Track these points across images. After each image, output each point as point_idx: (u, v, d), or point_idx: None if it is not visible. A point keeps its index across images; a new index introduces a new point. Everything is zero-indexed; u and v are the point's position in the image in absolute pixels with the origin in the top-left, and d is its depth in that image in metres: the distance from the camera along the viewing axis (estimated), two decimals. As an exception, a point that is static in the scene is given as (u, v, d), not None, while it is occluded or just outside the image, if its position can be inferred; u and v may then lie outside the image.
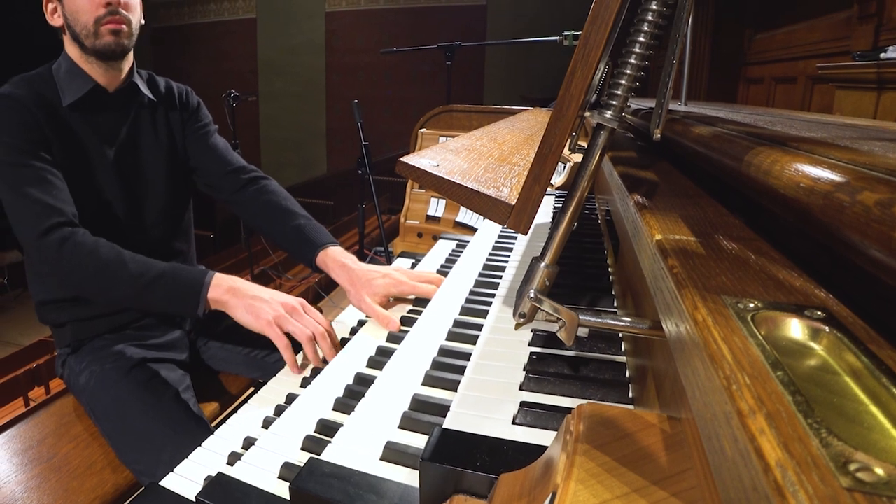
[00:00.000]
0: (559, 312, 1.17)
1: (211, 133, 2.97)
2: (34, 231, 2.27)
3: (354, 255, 2.57)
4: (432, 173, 1.53)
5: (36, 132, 2.40)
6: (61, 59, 2.62)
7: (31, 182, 2.31)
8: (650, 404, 1.13)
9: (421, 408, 1.48)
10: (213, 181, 2.91)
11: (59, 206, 2.32)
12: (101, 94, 2.61)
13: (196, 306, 2.26)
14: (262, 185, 2.92)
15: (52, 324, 2.69)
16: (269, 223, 2.83)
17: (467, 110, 4.69)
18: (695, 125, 1.33)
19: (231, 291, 2.26)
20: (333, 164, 17.48)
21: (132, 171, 2.67)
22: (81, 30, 2.50)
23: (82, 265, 2.26)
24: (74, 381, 2.54)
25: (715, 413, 0.55)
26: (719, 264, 0.80)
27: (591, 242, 2.53)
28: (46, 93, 2.51)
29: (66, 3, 2.50)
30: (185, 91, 2.97)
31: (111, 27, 2.49)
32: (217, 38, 18.80)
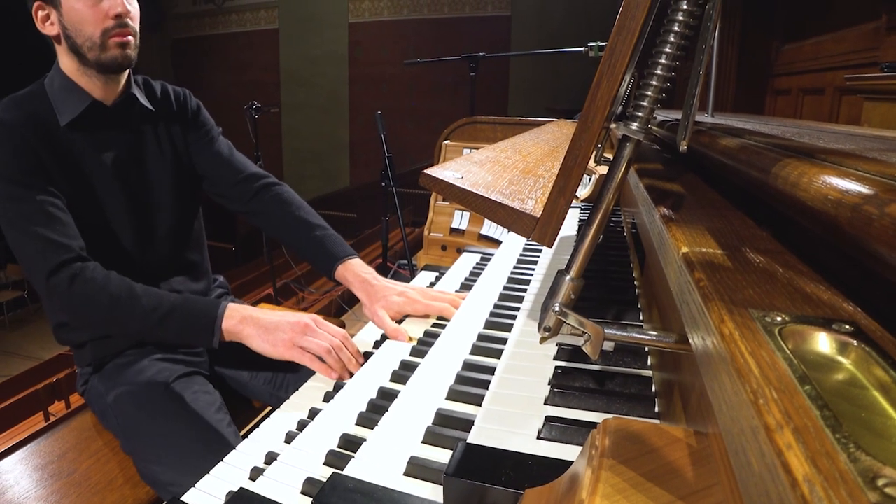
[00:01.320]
0: (584, 326, 1.17)
1: (215, 138, 2.90)
2: (42, 272, 2.24)
3: (376, 269, 2.57)
4: (456, 185, 1.53)
5: (33, 160, 2.33)
6: (54, 73, 2.53)
7: (33, 218, 2.27)
8: (676, 419, 1.12)
9: (445, 422, 1.48)
10: (224, 191, 2.87)
11: (65, 241, 2.29)
12: (100, 110, 2.52)
13: (210, 338, 2.26)
14: (275, 192, 2.88)
15: (70, 344, 2.65)
16: (287, 233, 2.82)
17: (492, 122, 4.69)
18: (721, 137, 1.33)
19: (244, 321, 2.26)
20: (356, 176, 17.49)
21: (138, 185, 2.61)
22: (85, 41, 2.40)
23: (94, 301, 2.24)
24: (99, 400, 2.50)
25: (742, 427, 0.55)
26: (746, 277, 0.80)
27: (617, 255, 2.52)
28: (41, 113, 2.43)
29: (65, 11, 2.38)
30: (183, 94, 2.88)
31: (119, 40, 2.41)
32: (239, 48, 18.85)
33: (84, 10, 2.35)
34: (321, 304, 7.80)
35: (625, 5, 1.05)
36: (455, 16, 15.99)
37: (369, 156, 16.45)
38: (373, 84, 17.00)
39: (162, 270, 2.54)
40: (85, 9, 2.35)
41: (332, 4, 17.28)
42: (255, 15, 18.74)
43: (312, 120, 17.97)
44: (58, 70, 2.51)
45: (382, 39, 16.88)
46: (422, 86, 16.06)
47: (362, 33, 17.17)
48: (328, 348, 2.11)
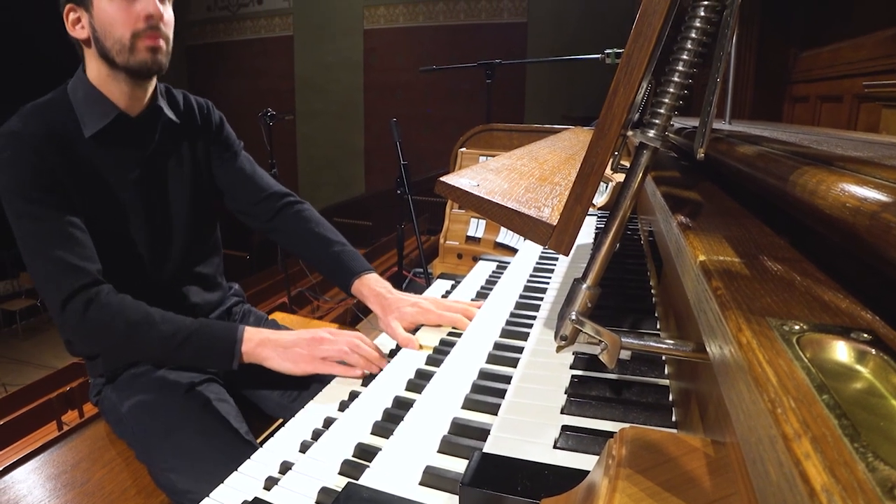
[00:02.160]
0: (601, 335, 1.17)
1: (237, 154, 2.90)
2: (57, 298, 2.22)
3: (391, 277, 2.59)
4: (472, 193, 1.53)
5: (50, 177, 2.29)
6: (77, 80, 2.48)
7: (50, 240, 2.25)
8: (694, 428, 1.12)
9: (461, 431, 1.48)
10: (245, 208, 2.89)
11: (82, 265, 2.26)
12: (125, 122, 2.48)
13: (230, 362, 2.26)
14: (296, 211, 2.90)
15: (82, 356, 2.66)
16: (306, 249, 2.85)
17: (508, 129, 4.69)
18: (739, 144, 1.33)
19: (262, 344, 2.26)
20: (371, 183, 17.51)
21: (157, 199, 2.59)
22: (114, 44, 2.35)
23: (109, 328, 2.23)
24: (113, 410, 2.50)
25: (760, 437, 0.55)
26: (764, 285, 0.80)
27: (634, 263, 2.52)
28: (63, 123, 2.39)
29: (95, 13, 2.34)
30: (207, 106, 2.87)
31: (149, 43, 2.36)
32: (253, 55, 18.88)
33: (115, 11, 2.32)
34: (336, 312, 7.81)
35: (641, 12, 1.06)
36: (471, 22, 16.00)
37: (384, 163, 16.48)
38: (388, 91, 17.02)
39: (177, 282, 2.55)
40: (116, 11, 2.32)
41: (347, 11, 17.30)
42: (269, 21, 18.78)
43: (327, 127, 17.99)
44: (83, 78, 2.47)
45: (398, 46, 16.90)
46: (437, 93, 16.07)
47: (377, 40, 17.19)
48: (346, 350, 2.15)
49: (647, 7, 1.05)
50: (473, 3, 15.90)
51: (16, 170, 2.25)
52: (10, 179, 2.26)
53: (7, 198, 2.26)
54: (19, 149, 2.26)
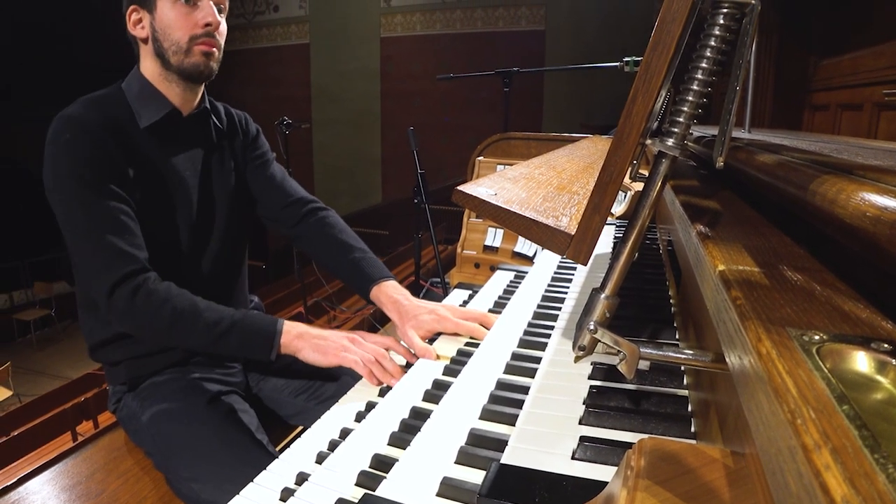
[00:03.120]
0: (620, 345, 1.17)
1: (269, 163, 2.97)
2: (106, 283, 2.27)
3: (408, 287, 2.59)
4: (490, 202, 1.53)
5: (108, 163, 2.35)
6: (132, 77, 2.58)
7: (102, 223, 2.30)
8: (713, 439, 1.12)
9: (478, 442, 1.48)
10: (273, 213, 2.94)
11: (132, 251, 2.32)
12: (177, 118, 2.59)
13: (269, 352, 2.34)
14: (321, 217, 2.95)
15: (104, 362, 2.66)
16: (327, 256, 2.88)
17: (525, 138, 4.69)
18: (758, 153, 1.33)
19: (299, 337, 2.35)
20: (388, 192, 17.52)
21: (202, 198, 2.66)
22: (171, 45, 2.47)
23: (157, 315, 2.28)
24: (133, 418, 2.51)
25: (779, 448, 0.55)
26: (784, 295, 0.80)
27: (653, 273, 2.52)
28: (119, 115, 2.47)
29: (158, 15, 2.46)
30: (245, 118, 2.97)
31: (204, 48, 2.49)
32: (269, 63, 18.93)
33: (177, 17, 2.45)
34: (353, 322, 7.82)
35: (660, 20, 1.06)
36: (488, 30, 16.02)
37: (401, 172, 16.49)
38: (405, 99, 17.03)
39: (206, 287, 2.55)
40: (178, 16, 2.45)
41: (363, 19, 17.34)
42: (285, 29, 18.83)
43: (344, 136, 18.03)
44: (138, 74, 2.58)
45: (414, 54, 16.92)
46: (455, 101, 16.09)
47: (394, 48, 17.21)
48: (371, 359, 2.22)
49: (665, 15, 1.05)
50: (491, 10, 15.92)
51: (75, 153, 2.31)
52: (68, 161, 2.31)
53: (62, 180, 2.31)
54: (79, 133, 2.32)
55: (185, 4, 2.44)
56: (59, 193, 2.32)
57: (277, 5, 18.81)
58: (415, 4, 16.88)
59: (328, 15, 17.95)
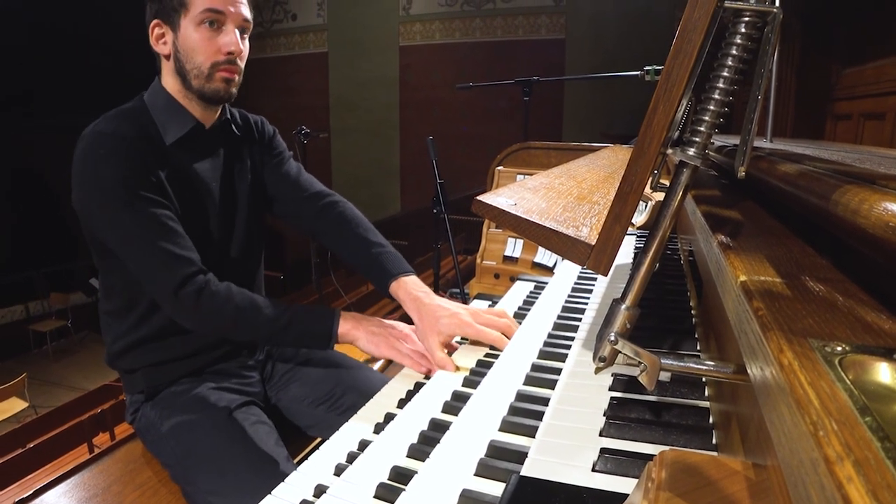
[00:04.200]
0: (640, 356, 1.17)
1: (285, 160, 3.00)
2: (169, 285, 2.33)
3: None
4: (509, 212, 1.53)
5: (146, 172, 2.40)
6: (155, 91, 2.62)
7: (154, 231, 2.36)
8: (734, 451, 1.12)
9: (498, 454, 1.48)
10: (290, 210, 2.98)
11: (187, 254, 2.40)
12: (200, 131, 2.62)
13: (328, 342, 2.44)
14: (338, 211, 2.95)
15: (122, 370, 2.68)
16: (347, 251, 2.92)
17: (545, 147, 4.68)
18: (780, 163, 1.33)
19: (356, 327, 2.47)
20: (407, 202, 17.52)
21: (229, 206, 2.71)
22: (193, 69, 2.50)
23: (221, 314, 2.39)
24: (151, 429, 2.52)
25: (801, 460, 0.55)
26: (806, 306, 0.80)
27: (674, 284, 2.52)
28: (147, 128, 2.50)
29: (181, 35, 2.48)
30: (261, 121, 2.99)
31: (225, 75, 2.52)
32: (287, 72, 18.95)
33: (200, 40, 2.47)
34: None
35: (681, 29, 1.06)
36: (508, 39, 16.02)
37: (420, 182, 16.46)
38: (424, 108, 17.02)
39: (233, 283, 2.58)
40: (201, 40, 2.47)
41: (382, 27, 17.36)
42: (303, 38, 18.85)
43: (362, 145, 18.04)
44: (160, 88, 2.61)
45: (434, 63, 16.92)
46: (474, 110, 16.08)
47: (413, 56, 17.21)
48: (422, 353, 2.37)
49: (687, 23, 1.05)
50: (511, 19, 15.92)
51: (114, 164, 2.35)
52: (110, 172, 2.35)
53: (106, 191, 2.37)
54: (115, 145, 2.37)
55: (209, 28, 2.46)
56: (105, 206, 2.37)
57: (295, 14, 18.84)
58: (434, 13, 16.89)
59: (346, 23, 17.97)
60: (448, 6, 16.64)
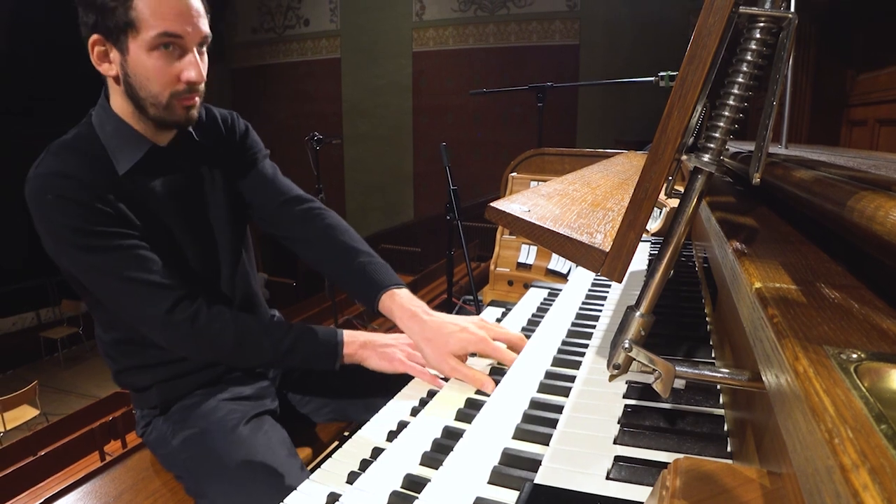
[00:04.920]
0: (655, 363, 1.17)
1: (259, 159, 2.77)
2: (157, 314, 2.24)
3: (441, 305, 2.56)
4: (523, 219, 1.53)
5: (102, 206, 2.22)
6: (103, 112, 2.39)
7: (125, 264, 2.24)
8: (749, 459, 1.12)
9: (511, 462, 1.48)
10: (266, 214, 2.76)
11: (167, 281, 2.29)
12: (156, 153, 2.41)
13: (333, 364, 2.40)
14: (319, 217, 2.74)
15: (133, 388, 2.63)
16: (328, 261, 2.72)
17: (559, 154, 4.68)
18: (795, 169, 1.33)
19: (363, 346, 2.42)
20: (420, 209, 17.53)
21: (199, 220, 2.57)
22: (148, 97, 2.26)
23: (221, 340, 2.30)
24: (163, 443, 2.50)
25: (816, 467, 0.55)
26: (821, 313, 0.80)
27: (688, 291, 2.51)
28: (96, 158, 2.31)
29: (131, 60, 2.22)
30: (231, 117, 2.76)
31: (187, 104, 2.31)
32: (300, 78, 18.96)
33: (154, 68, 2.22)
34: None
35: (696, 34, 1.06)
36: (522, 45, 16.02)
37: (434, 188, 16.48)
38: (437, 115, 17.03)
39: (229, 304, 2.52)
40: (156, 67, 2.22)
41: (395, 33, 17.38)
42: (316, 44, 18.86)
43: (375, 151, 18.05)
44: (108, 111, 2.39)
45: (447, 69, 16.93)
46: (488, 116, 16.09)
47: (426, 62, 17.22)
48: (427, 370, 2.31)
49: (701, 29, 1.05)
50: (524, 24, 15.92)
51: (65, 208, 2.19)
52: (61, 218, 2.20)
53: (63, 236, 2.23)
54: (61, 188, 2.20)
55: (165, 52, 2.21)
56: (63, 251, 2.26)
57: (308, 19, 18.86)
58: (447, 18, 16.90)
59: (360, 29, 17.99)
60: (461, 12, 16.65)
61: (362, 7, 17.86)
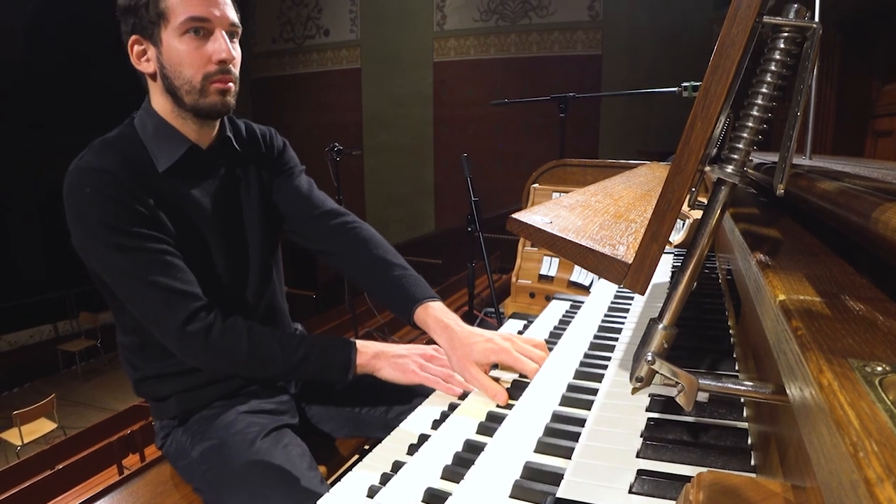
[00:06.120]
0: (678, 376, 1.17)
1: (296, 174, 2.85)
2: (174, 323, 2.25)
3: (462, 317, 2.53)
4: (545, 230, 1.53)
5: (138, 207, 2.28)
6: (144, 113, 2.49)
7: (151, 268, 2.27)
8: (773, 472, 1.12)
9: (533, 476, 1.48)
10: (300, 227, 2.82)
11: (190, 289, 2.32)
12: (196, 154, 2.48)
13: (346, 374, 2.38)
14: (354, 231, 2.79)
15: (152, 398, 2.64)
16: (363, 274, 2.77)
17: (582, 165, 4.67)
18: (820, 180, 1.33)
19: (376, 356, 2.40)
20: (441, 220, 17.53)
21: (233, 228, 2.62)
22: (183, 84, 2.34)
23: (234, 351, 2.30)
24: (182, 454, 2.50)
25: (841, 481, 0.55)
26: (845, 326, 0.80)
27: (711, 303, 2.51)
28: (136, 157, 2.38)
29: (164, 50, 2.33)
30: (270, 133, 2.85)
31: (220, 86, 2.36)
32: (320, 88, 18.99)
33: (186, 51, 2.32)
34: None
35: (719, 44, 1.06)
36: (544, 55, 16.03)
37: (455, 200, 16.47)
38: (459, 125, 17.04)
39: (252, 317, 2.51)
40: (187, 50, 2.32)
41: (416, 43, 17.40)
42: (336, 54, 18.90)
43: (396, 162, 18.07)
44: (150, 111, 2.48)
45: (468, 79, 16.94)
46: (509, 127, 16.10)
47: (448, 72, 17.24)
48: (450, 373, 2.31)
49: (725, 39, 1.05)
50: (546, 34, 15.93)
51: (101, 204, 2.25)
52: (95, 212, 2.26)
53: (96, 233, 2.27)
54: (99, 182, 2.26)
55: (195, 37, 2.32)
56: (93, 246, 2.30)
57: (328, 29, 18.90)
58: (468, 28, 16.92)
59: (380, 39, 18.02)
60: (483, 21, 16.67)
61: (383, 17, 17.90)
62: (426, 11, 17.38)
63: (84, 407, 13.24)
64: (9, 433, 10.42)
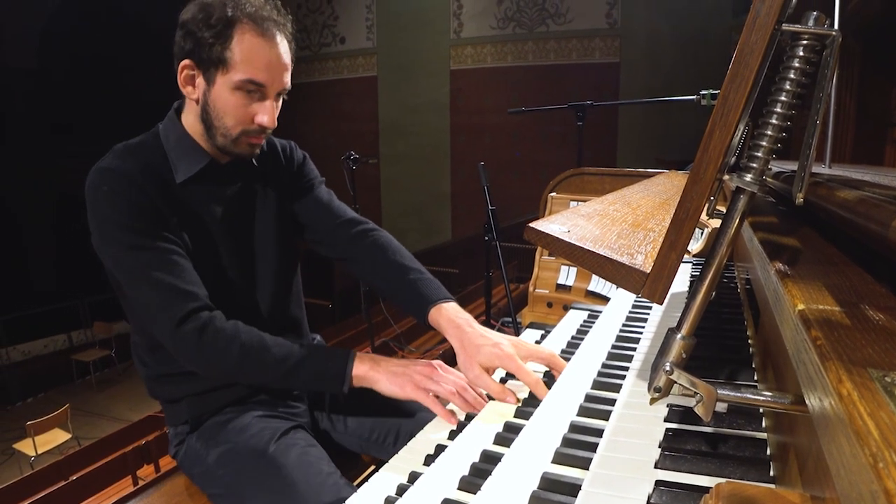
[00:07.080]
0: (696, 386, 1.17)
1: (316, 186, 2.93)
2: (169, 321, 2.28)
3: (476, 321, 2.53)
4: (563, 239, 1.53)
5: (151, 209, 2.34)
6: (170, 123, 2.55)
7: (155, 266, 2.31)
8: (792, 483, 1.12)
9: (551, 487, 1.48)
10: (322, 237, 2.89)
11: (192, 289, 2.34)
12: (215, 167, 2.55)
13: (341, 385, 2.34)
14: (372, 238, 2.86)
15: (164, 399, 2.66)
16: (381, 278, 2.83)
17: (599, 173, 4.67)
18: (839, 189, 1.33)
19: (374, 368, 2.36)
20: (458, 229, 17.52)
21: (245, 239, 2.68)
22: (220, 128, 2.42)
23: (226, 352, 2.30)
24: (198, 461, 2.51)
25: (861, 492, 0.55)
26: (865, 335, 0.80)
27: (730, 312, 2.50)
28: (156, 165, 2.44)
29: (214, 92, 2.39)
30: (290, 147, 2.92)
31: (253, 141, 2.48)
32: (336, 96, 19.00)
33: (234, 105, 2.39)
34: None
35: (738, 52, 1.06)
36: (561, 62, 16.01)
37: (472, 208, 16.48)
38: (475, 134, 17.04)
39: (266, 327, 2.54)
40: (235, 105, 2.39)
41: (432, 51, 17.41)
42: (352, 62, 18.92)
43: (412, 171, 18.07)
44: (176, 123, 2.54)
45: (485, 87, 16.94)
46: (527, 135, 16.09)
47: (464, 80, 17.24)
48: (454, 391, 2.24)
49: (744, 47, 1.05)
50: (564, 42, 15.93)
51: (115, 202, 2.31)
52: (110, 211, 2.32)
53: (107, 229, 2.34)
54: (117, 183, 2.32)
55: (247, 95, 2.39)
56: (106, 244, 2.35)
57: (344, 37, 18.93)
58: (485, 36, 16.93)
59: (396, 47, 18.04)
60: (500, 29, 16.68)
61: (399, 25, 17.92)
62: (443, 19, 17.40)
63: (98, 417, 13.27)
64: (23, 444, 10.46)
